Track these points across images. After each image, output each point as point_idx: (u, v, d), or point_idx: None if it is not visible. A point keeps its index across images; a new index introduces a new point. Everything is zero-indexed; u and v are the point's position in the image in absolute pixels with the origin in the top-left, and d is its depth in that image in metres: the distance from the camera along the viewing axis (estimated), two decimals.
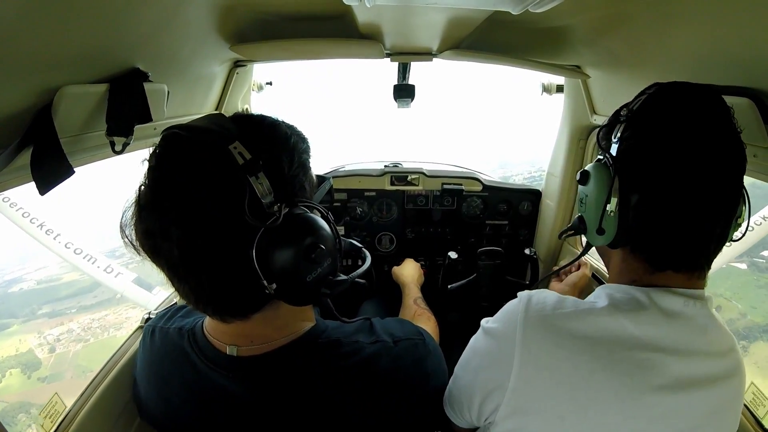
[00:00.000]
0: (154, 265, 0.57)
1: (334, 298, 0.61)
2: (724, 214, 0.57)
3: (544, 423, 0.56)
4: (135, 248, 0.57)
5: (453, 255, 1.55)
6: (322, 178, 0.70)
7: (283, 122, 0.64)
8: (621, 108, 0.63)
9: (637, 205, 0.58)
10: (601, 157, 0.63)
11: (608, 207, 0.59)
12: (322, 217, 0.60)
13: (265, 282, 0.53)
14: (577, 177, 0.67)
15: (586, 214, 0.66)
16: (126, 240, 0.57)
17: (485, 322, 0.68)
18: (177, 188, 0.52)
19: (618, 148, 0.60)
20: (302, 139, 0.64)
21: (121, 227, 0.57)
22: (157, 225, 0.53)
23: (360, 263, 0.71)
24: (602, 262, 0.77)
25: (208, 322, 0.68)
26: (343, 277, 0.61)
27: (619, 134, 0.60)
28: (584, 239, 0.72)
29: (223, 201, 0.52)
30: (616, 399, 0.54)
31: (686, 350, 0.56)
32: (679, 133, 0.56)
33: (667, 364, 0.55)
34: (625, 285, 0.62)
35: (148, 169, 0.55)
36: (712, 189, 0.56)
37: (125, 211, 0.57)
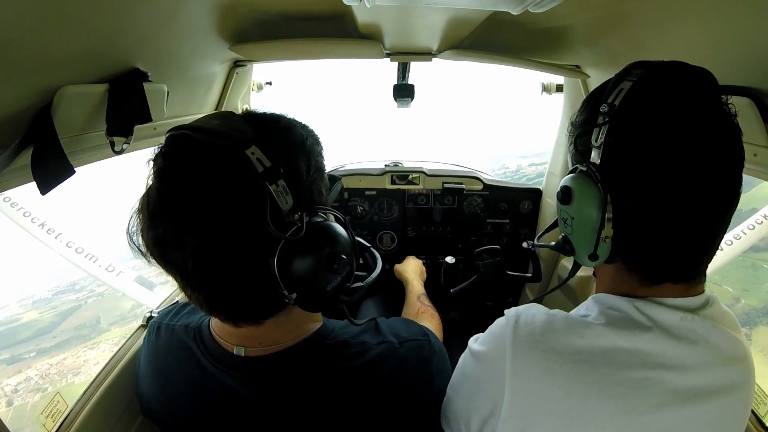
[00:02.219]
0: (164, 272, 0.56)
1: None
2: (727, 214, 0.51)
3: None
4: (143, 255, 0.55)
5: (450, 260, 1.53)
6: (333, 178, 0.68)
7: (297, 122, 0.62)
8: (597, 102, 0.53)
9: (631, 222, 0.51)
10: (583, 168, 0.53)
11: (603, 233, 0.51)
12: (340, 223, 0.59)
13: (285, 292, 0.53)
14: (558, 195, 0.58)
15: (573, 237, 0.58)
16: (133, 246, 0.55)
17: (473, 341, 0.63)
18: (191, 196, 0.50)
19: (603, 155, 0.51)
20: (317, 141, 0.63)
21: (128, 233, 0.55)
22: (168, 233, 0.51)
23: (362, 262, 0.71)
24: None
25: (215, 323, 0.68)
26: (359, 283, 0.61)
27: (602, 138, 0.51)
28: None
29: (242, 210, 0.50)
30: (611, 423, 0.50)
31: (687, 364, 0.52)
32: (674, 133, 0.48)
33: (666, 380, 0.51)
34: (619, 297, 0.56)
35: (156, 172, 0.52)
36: (716, 191, 0.49)
37: (132, 216, 0.55)
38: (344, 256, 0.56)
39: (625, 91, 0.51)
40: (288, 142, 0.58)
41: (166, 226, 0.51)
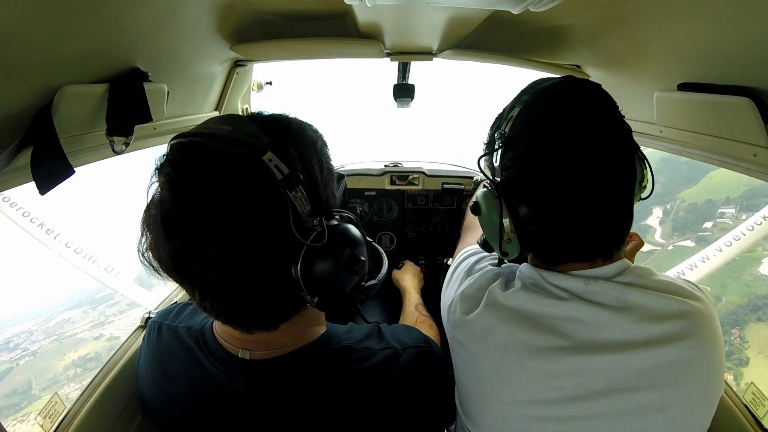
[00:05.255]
0: (179, 286, 0.56)
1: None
2: (618, 202, 0.59)
3: (465, 354, 0.67)
4: (155, 269, 0.54)
5: (450, 262, 1.53)
6: (338, 176, 0.69)
7: (306, 124, 0.62)
8: (495, 128, 0.65)
9: (529, 226, 0.61)
10: (487, 185, 0.65)
11: (505, 235, 0.62)
12: (353, 223, 0.60)
13: (308, 297, 0.53)
14: (471, 208, 0.70)
15: (489, 239, 0.68)
16: (145, 263, 0.54)
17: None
18: (210, 207, 0.48)
19: (501, 173, 0.63)
20: (325, 142, 0.63)
21: (138, 250, 0.54)
22: (188, 246, 0.49)
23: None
24: None
25: (219, 326, 0.67)
26: (373, 281, 0.63)
27: (499, 160, 0.63)
28: None
29: (264, 219, 0.50)
30: (516, 353, 0.60)
31: (598, 321, 0.58)
32: (553, 150, 0.58)
33: (575, 329, 0.58)
34: (532, 267, 0.66)
35: (167, 182, 0.50)
36: (598, 189, 0.58)
37: (142, 231, 0.53)
38: (363, 258, 0.57)
39: (513, 118, 0.62)
40: (302, 145, 0.57)
41: (185, 239, 0.49)
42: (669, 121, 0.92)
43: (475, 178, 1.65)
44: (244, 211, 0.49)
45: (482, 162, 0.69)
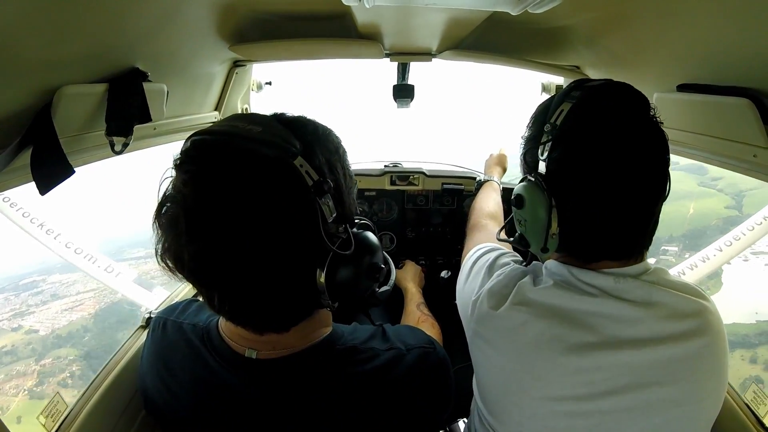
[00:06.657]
0: (196, 289, 0.54)
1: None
2: (657, 204, 0.62)
3: (491, 350, 0.68)
4: (171, 270, 0.52)
5: (445, 274, 1.53)
6: None
7: (329, 129, 0.61)
8: (542, 121, 0.64)
9: (572, 221, 0.61)
10: (531, 178, 0.64)
11: (551, 231, 0.62)
12: (371, 230, 0.61)
13: (329, 301, 0.54)
14: (512, 201, 0.69)
15: (527, 234, 0.68)
16: (163, 264, 0.52)
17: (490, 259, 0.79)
18: (241, 209, 0.47)
19: (547, 167, 0.62)
20: (344, 148, 0.63)
21: (157, 252, 0.52)
22: (213, 249, 0.48)
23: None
24: None
25: (225, 326, 0.67)
26: (386, 287, 0.65)
27: (546, 153, 0.62)
28: None
29: (294, 224, 0.49)
30: (548, 349, 0.61)
31: (627, 318, 0.60)
32: (606, 147, 0.59)
33: (605, 325, 0.60)
34: (561, 264, 0.67)
35: (190, 179, 0.48)
36: (644, 190, 0.60)
37: (157, 229, 0.52)
38: (382, 266, 0.59)
39: (565, 112, 0.61)
40: (328, 151, 0.57)
41: (210, 241, 0.48)
42: (669, 122, 0.91)
43: (478, 178, 1.65)
44: (274, 215, 0.48)
45: (527, 155, 0.69)
